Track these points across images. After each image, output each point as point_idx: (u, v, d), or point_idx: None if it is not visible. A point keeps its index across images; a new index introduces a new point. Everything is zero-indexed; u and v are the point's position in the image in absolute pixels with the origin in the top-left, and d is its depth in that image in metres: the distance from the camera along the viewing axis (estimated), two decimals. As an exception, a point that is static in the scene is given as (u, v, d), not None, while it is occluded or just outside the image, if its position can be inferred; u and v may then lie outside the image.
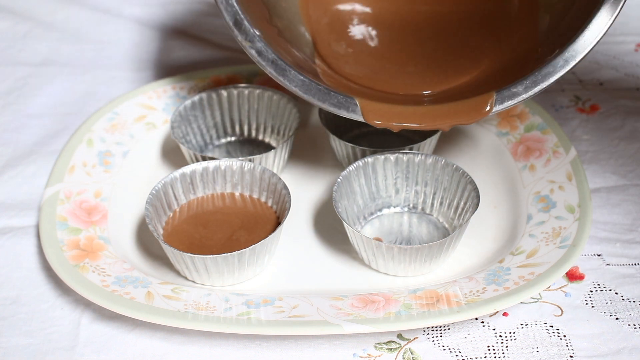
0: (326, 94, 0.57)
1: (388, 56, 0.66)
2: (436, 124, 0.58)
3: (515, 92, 0.56)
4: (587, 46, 0.55)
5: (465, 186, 0.60)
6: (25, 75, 0.80)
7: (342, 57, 0.66)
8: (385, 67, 0.65)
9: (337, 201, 0.59)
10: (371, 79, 0.64)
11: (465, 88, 0.60)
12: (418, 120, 0.58)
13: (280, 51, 0.58)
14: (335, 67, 0.64)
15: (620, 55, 0.81)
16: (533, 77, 0.56)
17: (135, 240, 0.62)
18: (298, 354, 0.54)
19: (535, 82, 0.56)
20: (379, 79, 0.64)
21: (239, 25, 0.56)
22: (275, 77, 0.57)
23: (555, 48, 0.56)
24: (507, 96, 0.57)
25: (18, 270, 0.60)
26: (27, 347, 0.55)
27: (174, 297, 0.55)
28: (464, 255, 0.60)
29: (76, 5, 0.89)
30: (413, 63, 0.65)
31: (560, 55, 0.56)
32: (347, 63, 0.65)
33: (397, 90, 0.63)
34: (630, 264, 0.59)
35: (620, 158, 0.68)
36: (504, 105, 0.57)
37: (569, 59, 0.55)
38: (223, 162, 0.62)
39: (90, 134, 0.69)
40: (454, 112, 0.58)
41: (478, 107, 0.57)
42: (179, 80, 0.74)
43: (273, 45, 0.57)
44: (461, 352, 0.54)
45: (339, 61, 0.65)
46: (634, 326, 0.55)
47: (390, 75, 0.65)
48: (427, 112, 0.58)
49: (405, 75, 0.65)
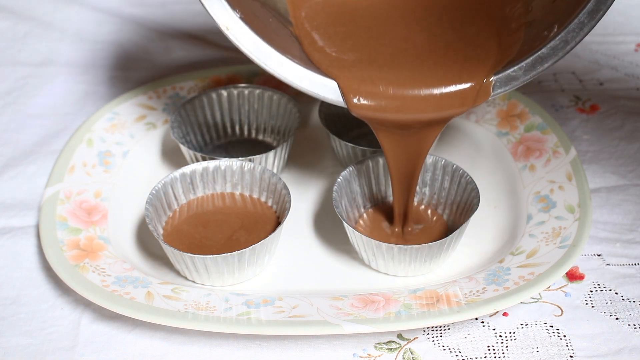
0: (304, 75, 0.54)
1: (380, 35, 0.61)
2: (432, 111, 0.55)
3: (514, 76, 0.54)
4: (587, 27, 0.52)
5: (465, 186, 0.60)
6: (25, 75, 0.80)
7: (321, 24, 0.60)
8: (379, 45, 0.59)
9: (337, 201, 0.59)
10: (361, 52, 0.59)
11: (462, 72, 0.58)
12: (412, 108, 0.54)
13: (256, 22, 0.54)
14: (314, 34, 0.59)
15: (620, 55, 0.81)
16: (532, 60, 0.54)
17: (135, 240, 0.62)
18: (298, 354, 0.54)
19: (534, 65, 0.54)
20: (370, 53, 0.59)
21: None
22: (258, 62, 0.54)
23: (553, 28, 0.54)
24: (506, 80, 0.54)
25: (18, 270, 0.60)
26: (27, 347, 0.55)
27: (174, 297, 0.55)
28: (464, 255, 0.60)
29: (76, 5, 0.89)
30: (404, 40, 0.60)
31: (559, 36, 0.53)
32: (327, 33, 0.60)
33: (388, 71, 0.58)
34: (630, 264, 0.59)
35: (620, 158, 0.68)
36: (502, 89, 0.54)
37: (569, 40, 0.53)
38: (223, 162, 0.62)
39: (90, 134, 0.69)
40: (452, 97, 0.54)
41: (477, 92, 0.54)
42: (179, 80, 0.74)
43: (247, 14, 0.54)
44: (461, 352, 0.54)
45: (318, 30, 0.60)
46: (634, 326, 0.55)
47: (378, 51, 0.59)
48: (421, 98, 0.54)
49: (396, 53, 0.59)
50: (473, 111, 0.71)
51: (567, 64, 0.79)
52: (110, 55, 0.83)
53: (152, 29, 0.87)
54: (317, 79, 0.54)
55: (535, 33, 0.55)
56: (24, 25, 0.86)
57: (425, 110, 0.54)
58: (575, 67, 0.79)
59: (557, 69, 0.79)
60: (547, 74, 0.78)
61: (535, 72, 0.54)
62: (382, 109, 0.54)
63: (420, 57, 0.57)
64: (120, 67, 0.82)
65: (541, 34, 0.54)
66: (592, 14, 0.52)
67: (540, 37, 0.54)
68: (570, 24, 0.53)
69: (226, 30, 0.52)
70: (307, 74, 0.54)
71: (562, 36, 0.53)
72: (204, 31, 0.87)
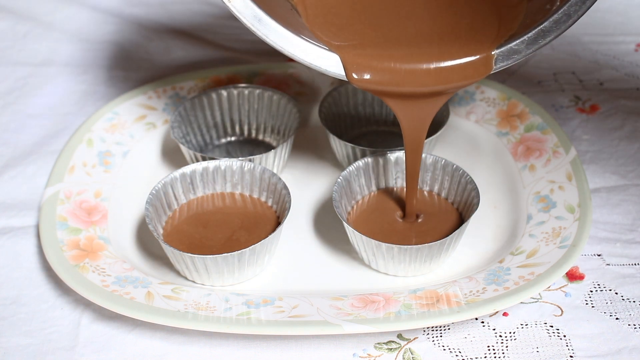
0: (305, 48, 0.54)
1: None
2: (433, 85, 0.54)
3: (516, 49, 0.54)
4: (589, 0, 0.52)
5: (465, 186, 0.60)
6: (25, 75, 0.80)
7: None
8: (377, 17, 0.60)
9: (337, 201, 0.59)
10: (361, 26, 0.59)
11: (463, 45, 0.56)
12: (413, 82, 0.54)
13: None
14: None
15: (620, 55, 0.81)
16: (534, 33, 0.53)
17: (135, 240, 0.62)
18: (298, 354, 0.54)
19: (536, 39, 0.53)
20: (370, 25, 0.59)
21: None
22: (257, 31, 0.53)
23: (555, 1, 0.54)
24: (508, 53, 0.54)
25: (18, 270, 0.60)
26: (27, 347, 0.55)
27: (174, 297, 0.55)
28: (464, 255, 0.60)
29: (76, 5, 0.89)
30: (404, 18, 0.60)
31: (561, 10, 0.52)
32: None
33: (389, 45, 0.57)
34: (630, 264, 0.59)
35: (620, 158, 0.68)
36: (505, 62, 0.54)
37: (572, 13, 0.52)
38: (223, 162, 0.62)
39: (90, 134, 0.69)
40: (453, 71, 0.54)
41: (479, 65, 0.54)
42: (179, 80, 0.74)
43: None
44: (461, 352, 0.54)
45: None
46: (634, 326, 0.55)
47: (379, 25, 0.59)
48: (422, 71, 0.54)
49: (396, 27, 0.59)
50: (473, 110, 0.71)
51: (567, 64, 0.79)
52: (110, 55, 0.83)
53: (152, 29, 0.87)
54: (318, 52, 0.54)
55: (538, 6, 0.55)
56: (24, 25, 0.86)
57: (426, 84, 0.54)
58: (575, 67, 0.79)
59: (557, 69, 0.79)
60: (547, 74, 0.78)
61: (538, 45, 0.53)
62: (383, 83, 0.54)
63: (421, 32, 0.57)
64: (120, 67, 0.82)
65: (543, 7, 0.54)
66: None
67: (542, 10, 0.54)
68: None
69: (228, 3, 0.52)
70: (309, 47, 0.54)
71: (565, 9, 0.52)
72: (204, 31, 0.87)
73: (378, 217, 0.61)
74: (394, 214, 0.61)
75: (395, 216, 0.61)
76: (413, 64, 0.54)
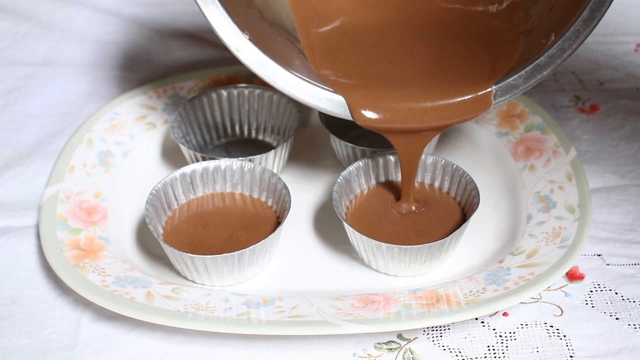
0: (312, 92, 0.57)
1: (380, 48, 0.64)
2: (435, 122, 0.57)
3: (514, 84, 0.56)
4: (583, 35, 0.54)
5: (465, 186, 0.60)
6: (25, 75, 0.80)
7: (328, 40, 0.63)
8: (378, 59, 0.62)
9: (337, 201, 0.59)
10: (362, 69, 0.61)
11: (462, 84, 0.59)
12: (416, 120, 0.57)
13: (264, 40, 0.56)
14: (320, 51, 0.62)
15: (620, 55, 0.81)
16: (531, 68, 0.56)
17: (135, 240, 0.62)
18: (298, 354, 0.54)
19: (533, 73, 0.56)
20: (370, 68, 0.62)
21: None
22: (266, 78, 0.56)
23: (550, 36, 0.56)
24: (507, 88, 0.56)
25: (18, 270, 0.60)
26: (27, 347, 0.55)
27: (174, 297, 0.55)
28: (464, 255, 0.60)
29: (76, 5, 0.89)
30: (405, 57, 0.62)
31: (556, 44, 0.55)
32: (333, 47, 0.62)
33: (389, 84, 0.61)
34: (630, 264, 0.59)
35: (620, 158, 0.68)
36: (504, 97, 0.56)
37: (566, 48, 0.55)
38: (223, 162, 0.62)
39: (90, 134, 0.69)
40: (454, 108, 0.57)
41: (478, 101, 0.56)
42: (179, 80, 0.74)
43: (256, 34, 0.56)
44: (461, 352, 0.54)
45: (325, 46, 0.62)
46: (634, 326, 0.55)
47: (379, 66, 0.62)
48: (425, 109, 0.57)
49: (396, 68, 0.62)
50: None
51: (567, 64, 0.79)
52: (110, 55, 0.83)
53: (152, 29, 0.87)
54: (324, 94, 0.57)
55: (534, 41, 0.57)
56: (24, 25, 0.86)
57: (428, 121, 0.57)
58: (575, 67, 0.79)
59: (557, 69, 0.79)
60: (547, 74, 0.78)
61: (535, 80, 0.56)
62: (387, 122, 0.57)
63: (422, 72, 0.59)
64: (120, 67, 0.82)
65: (539, 42, 0.56)
66: (587, 22, 0.54)
67: (538, 45, 0.56)
68: (566, 32, 0.55)
69: (236, 52, 0.55)
70: (314, 90, 0.57)
71: (559, 44, 0.55)
72: (204, 31, 0.87)
73: (375, 205, 0.61)
74: (392, 203, 0.61)
75: (394, 205, 0.61)
76: (416, 104, 0.57)
